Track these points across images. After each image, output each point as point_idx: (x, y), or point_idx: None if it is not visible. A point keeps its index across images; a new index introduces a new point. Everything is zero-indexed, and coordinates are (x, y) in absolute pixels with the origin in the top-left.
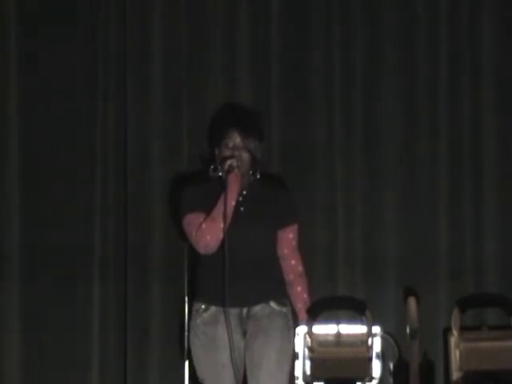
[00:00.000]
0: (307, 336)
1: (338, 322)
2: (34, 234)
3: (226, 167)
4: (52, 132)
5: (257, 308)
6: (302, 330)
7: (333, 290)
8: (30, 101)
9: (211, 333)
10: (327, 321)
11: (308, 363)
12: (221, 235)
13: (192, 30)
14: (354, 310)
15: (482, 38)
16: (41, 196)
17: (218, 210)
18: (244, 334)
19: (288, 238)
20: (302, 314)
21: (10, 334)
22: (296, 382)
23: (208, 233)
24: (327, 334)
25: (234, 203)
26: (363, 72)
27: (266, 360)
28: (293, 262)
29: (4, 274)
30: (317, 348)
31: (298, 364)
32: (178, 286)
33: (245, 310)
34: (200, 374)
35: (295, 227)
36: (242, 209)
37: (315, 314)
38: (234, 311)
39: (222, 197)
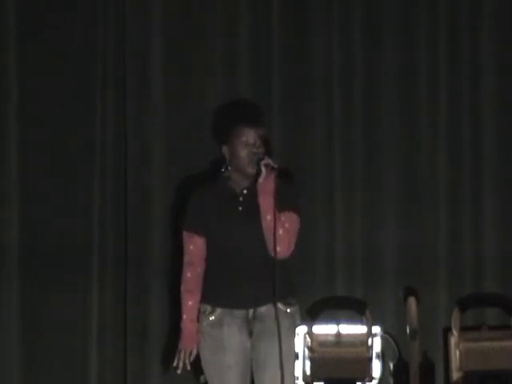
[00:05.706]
0: (307, 336)
1: (338, 322)
2: (33, 234)
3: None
4: (51, 131)
5: (262, 309)
6: (302, 329)
7: (333, 290)
8: (30, 100)
9: (217, 335)
10: (327, 321)
11: (308, 363)
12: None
13: (191, 30)
14: (354, 310)
15: (482, 37)
16: (40, 196)
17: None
18: (250, 334)
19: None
20: None
21: (9, 334)
22: (296, 382)
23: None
24: (327, 334)
25: None
26: (363, 71)
27: (272, 361)
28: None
29: (3, 273)
30: (317, 348)
31: (298, 364)
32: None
33: (251, 311)
34: (207, 375)
35: (289, 214)
36: (240, 208)
37: (315, 314)
38: (239, 312)
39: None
